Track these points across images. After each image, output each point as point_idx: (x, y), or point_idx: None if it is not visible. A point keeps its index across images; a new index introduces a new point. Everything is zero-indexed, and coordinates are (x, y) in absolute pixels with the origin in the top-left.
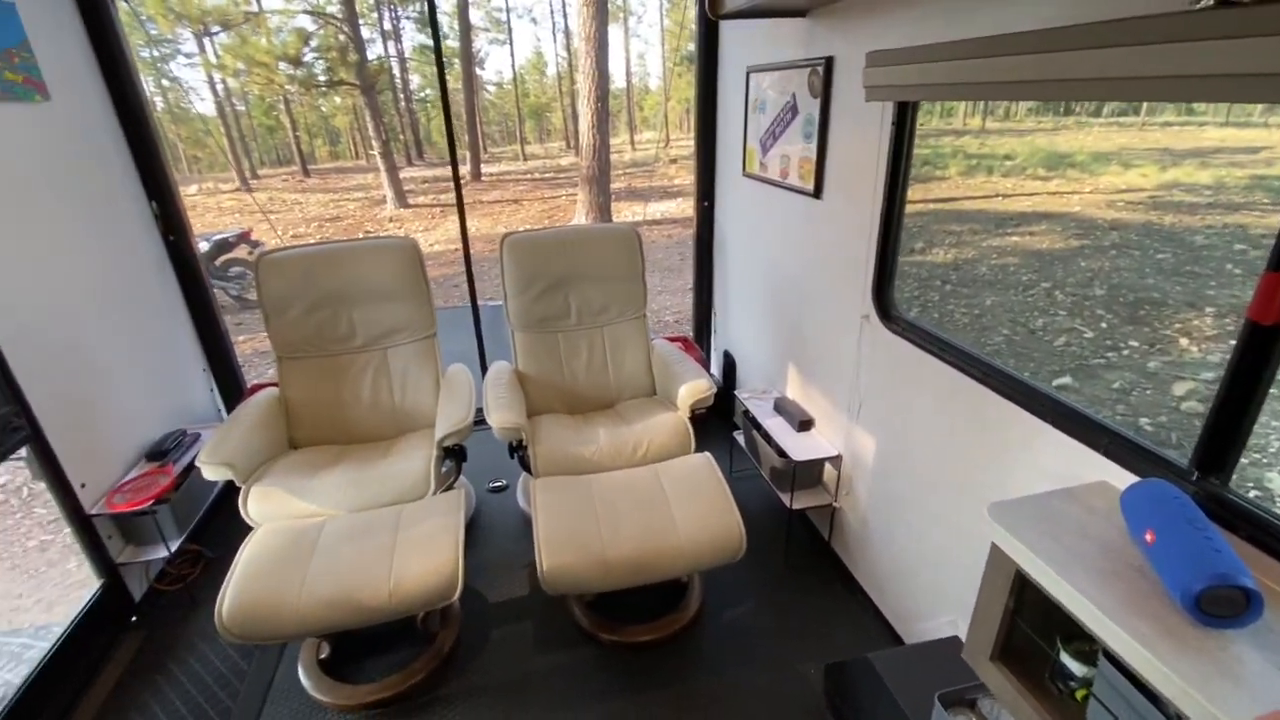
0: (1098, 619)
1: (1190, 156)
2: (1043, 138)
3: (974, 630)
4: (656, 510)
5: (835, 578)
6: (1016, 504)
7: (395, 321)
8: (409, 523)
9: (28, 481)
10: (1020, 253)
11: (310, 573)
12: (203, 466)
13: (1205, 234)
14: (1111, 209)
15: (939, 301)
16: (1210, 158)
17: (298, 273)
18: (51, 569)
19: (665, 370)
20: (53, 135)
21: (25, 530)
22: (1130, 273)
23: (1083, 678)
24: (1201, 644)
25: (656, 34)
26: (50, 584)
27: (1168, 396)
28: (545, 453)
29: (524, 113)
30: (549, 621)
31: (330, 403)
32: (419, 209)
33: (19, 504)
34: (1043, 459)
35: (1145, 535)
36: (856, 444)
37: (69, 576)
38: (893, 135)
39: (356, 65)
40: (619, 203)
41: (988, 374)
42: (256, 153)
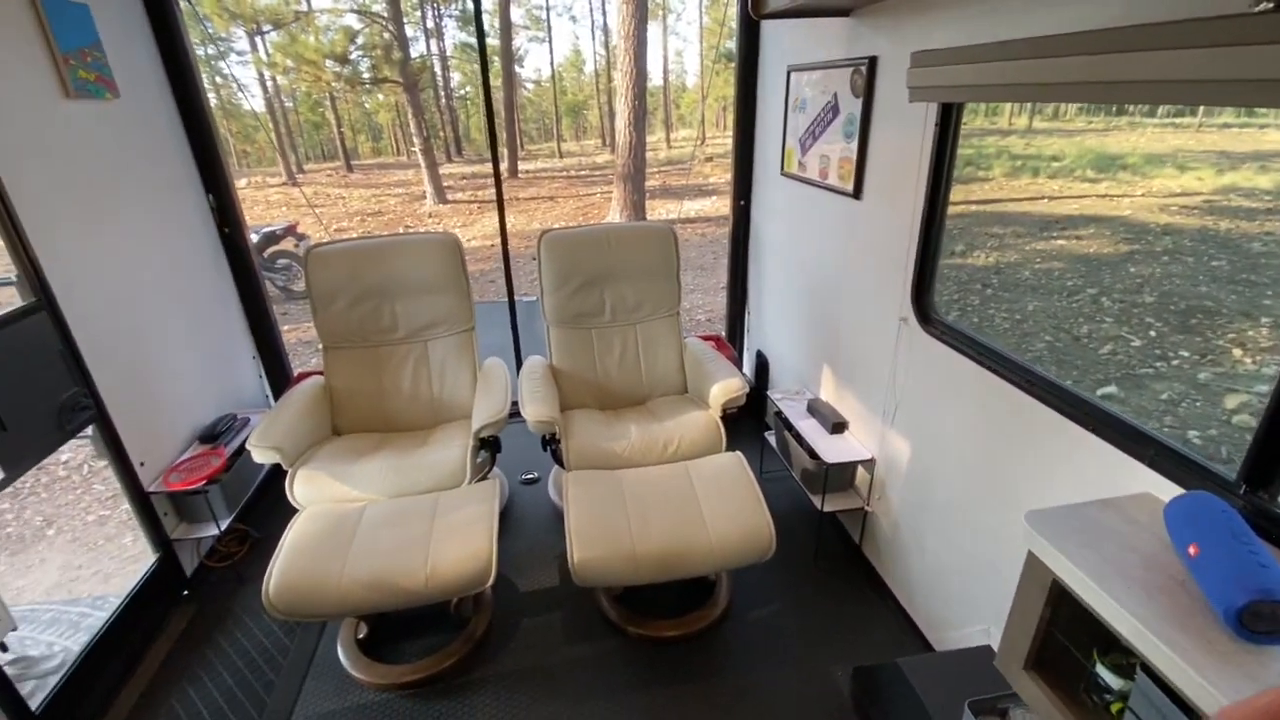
0: (1137, 631)
1: (1250, 160)
2: (1093, 138)
3: (1007, 639)
4: (686, 507)
5: (865, 582)
6: (1055, 513)
7: (435, 314)
8: (446, 510)
9: (89, 459)
10: (1066, 257)
11: (351, 555)
12: (253, 449)
13: (1264, 241)
14: (1164, 213)
15: (979, 306)
16: (1270, 161)
17: (344, 266)
18: (109, 543)
19: (697, 368)
20: (121, 131)
21: (85, 505)
22: (1182, 280)
23: (1119, 691)
24: (1243, 660)
25: (695, 31)
26: (107, 557)
27: (1218, 409)
28: (577, 447)
29: (561, 110)
30: (577, 612)
31: (372, 392)
32: (457, 205)
33: (80, 480)
34: (1084, 469)
35: (1189, 548)
36: (891, 448)
37: (125, 550)
38: (936, 136)
39: (400, 63)
40: (653, 200)
41: (1030, 381)
42: (302, 148)
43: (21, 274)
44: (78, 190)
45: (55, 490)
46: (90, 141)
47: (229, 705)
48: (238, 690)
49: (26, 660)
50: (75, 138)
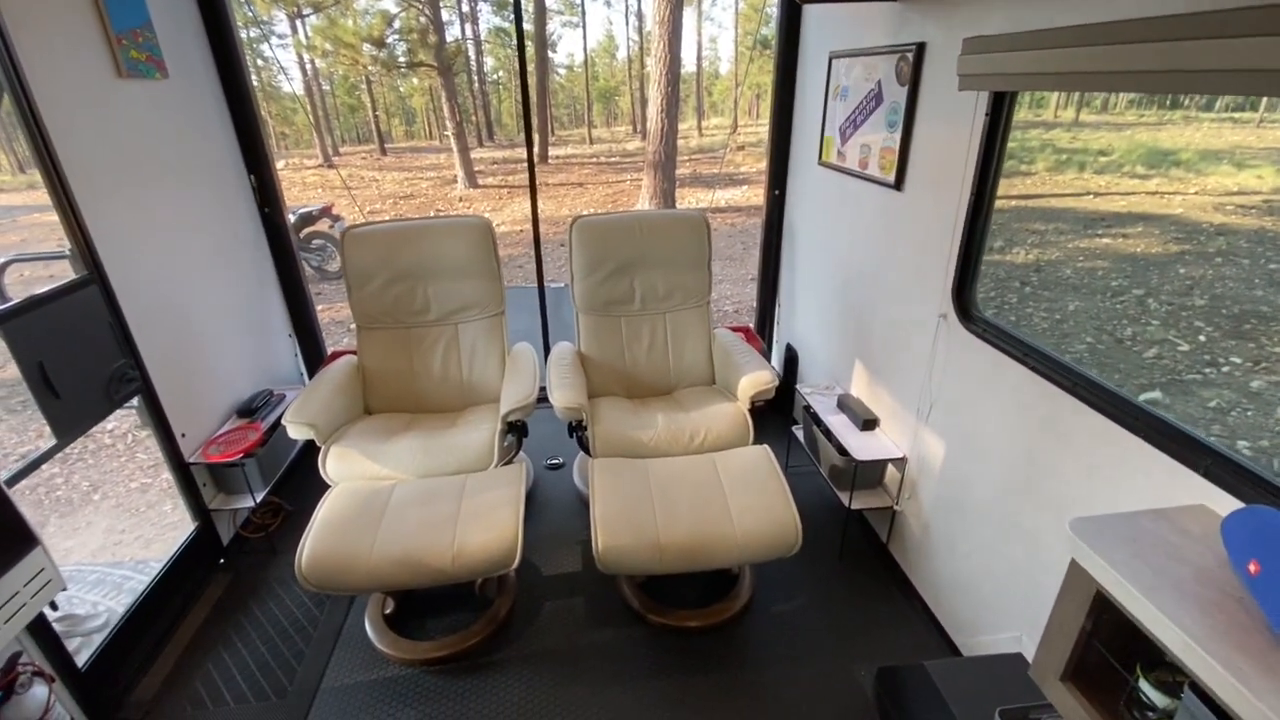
0: (1189, 648)
1: None
2: (1144, 132)
3: (1044, 649)
4: (712, 499)
5: (891, 581)
6: (1102, 520)
7: (467, 298)
8: (473, 491)
9: (133, 428)
10: (1111, 256)
11: (381, 532)
12: (288, 425)
13: None
14: (1219, 212)
15: (1016, 304)
16: None
17: (380, 247)
18: (150, 509)
19: (726, 360)
20: (170, 110)
21: (128, 473)
22: (1237, 283)
23: (1163, 709)
24: None
25: (730, 17)
26: (149, 523)
27: (1272, 420)
28: (604, 434)
29: (593, 96)
30: (600, 598)
31: (403, 372)
32: (487, 189)
33: (124, 449)
34: (1132, 477)
35: (1249, 565)
36: (924, 447)
37: (165, 518)
38: (986, 127)
39: (435, 47)
40: (683, 189)
41: (1076, 383)
42: (338, 130)
43: (75, 248)
44: (127, 168)
45: (101, 457)
46: (140, 120)
47: (261, 671)
48: (269, 657)
49: (73, 619)
50: (126, 116)
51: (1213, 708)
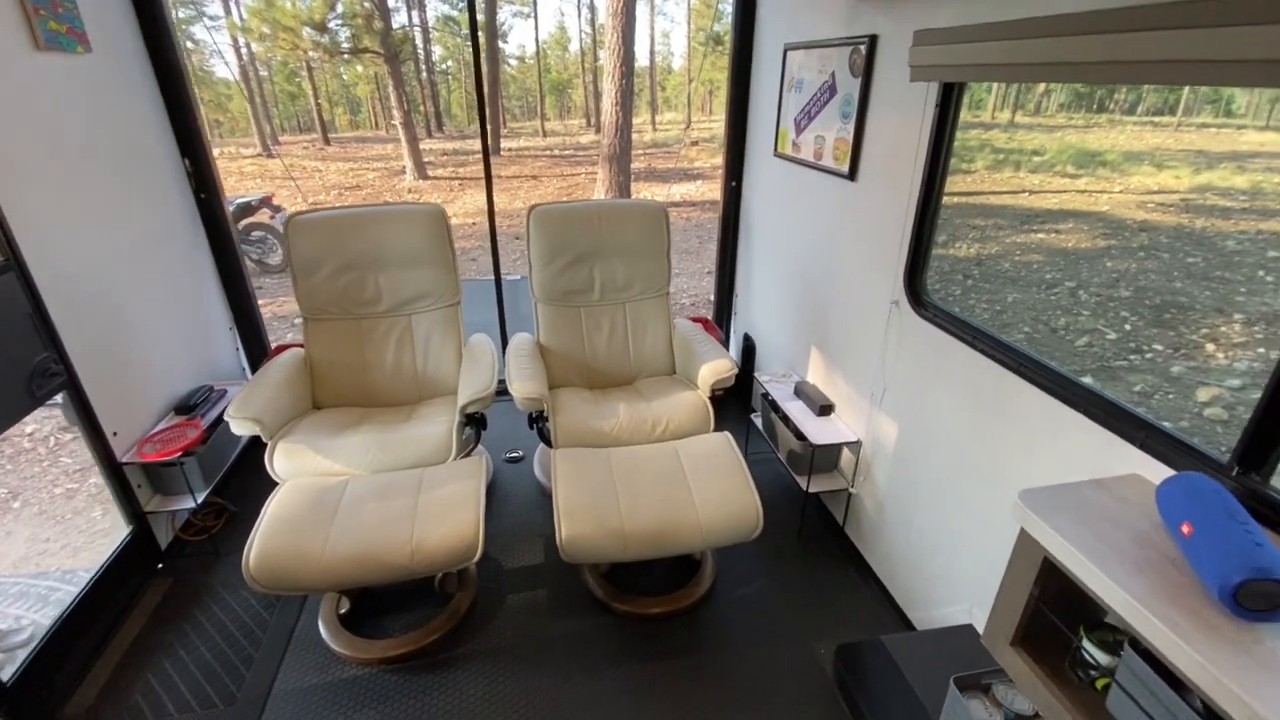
0: (1130, 607)
1: (1227, 160)
2: (1074, 134)
3: (995, 616)
4: (675, 486)
5: (848, 562)
6: (1048, 491)
7: (421, 288)
8: (431, 485)
9: (55, 431)
10: (1045, 250)
11: (334, 529)
12: (232, 421)
13: (1238, 239)
14: (1142, 210)
15: (960, 296)
16: (1248, 162)
17: (327, 234)
18: (77, 516)
19: (687, 349)
20: (93, 87)
21: (52, 478)
22: (1158, 275)
23: (1105, 666)
24: (1237, 637)
25: (683, 12)
26: (75, 531)
27: (1190, 402)
28: (565, 424)
29: (545, 88)
30: (563, 589)
31: (354, 365)
32: (437, 181)
33: (46, 453)
34: (1073, 450)
35: (1181, 527)
36: (878, 430)
37: (94, 525)
38: (936, 118)
39: (381, 33)
40: (638, 183)
41: (1021, 363)
42: (277, 119)
43: None
44: (47, 147)
45: (20, 463)
46: (61, 97)
47: (206, 679)
48: (215, 664)
49: None
50: (45, 92)
51: (1150, 662)
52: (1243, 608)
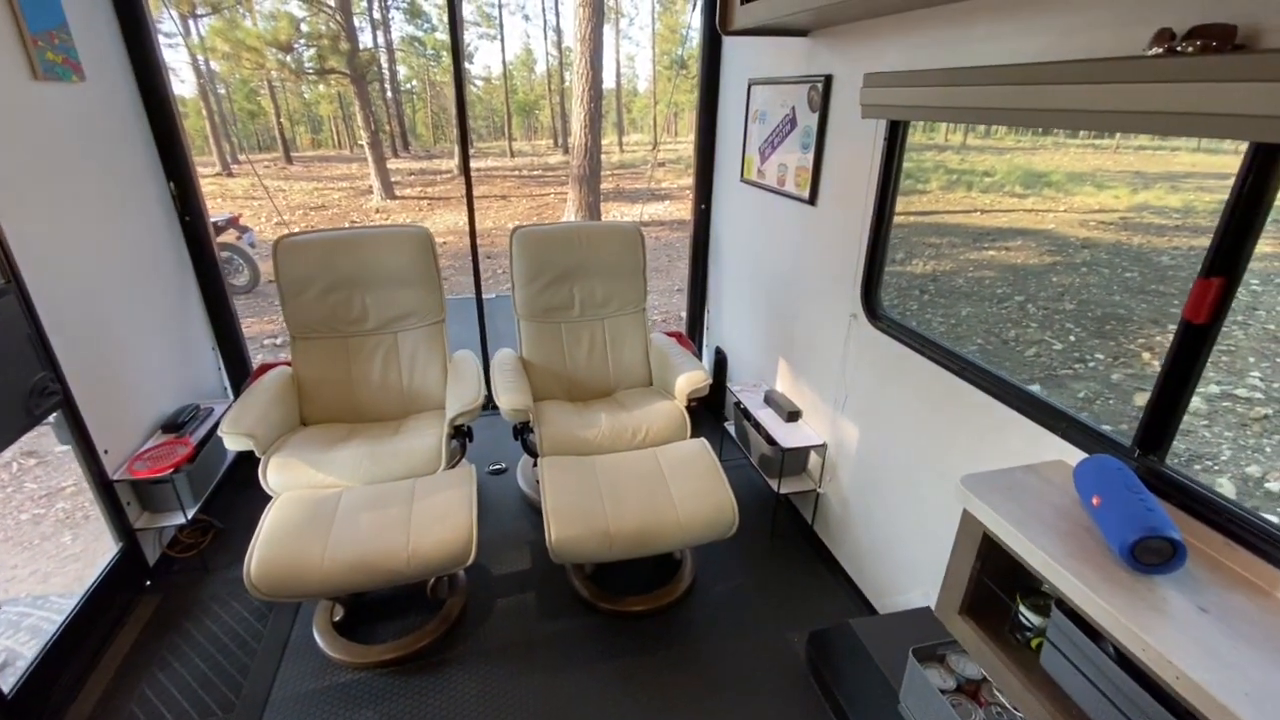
0: (1051, 567)
1: (1161, 180)
2: (1021, 156)
3: (945, 590)
4: (656, 488)
5: (817, 558)
6: (985, 476)
7: (407, 306)
8: (423, 494)
9: (17, 456)
10: (996, 266)
11: (332, 537)
12: (226, 436)
13: (1171, 255)
14: (1084, 228)
15: (917, 310)
16: (1181, 182)
17: (316, 256)
18: (45, 542)
19: (663, 362)
20: (87, 114)
21: (17, 504)
22: (1099, 289)
23: (1038, 627)
24: (1135, 587)
25: (648, 36)
26: (45, 557)
27: (1129, 406)
28: (550, 434)
29: (512, 109)
30: (550, 592)
31: (341, 382)
32: (405, 200)
33: (9, 478)
34: (1010, 442)
35: (1092, 499)
36: (841, 433)
37: (63, 550)
38: (885, 150)
39: (348, 54)
40: (608, 203)
41: (964, 368)
42: (236, 138)
43: None
44: (45, 173)
45: None
46: (57, 124)
47: (203, 688)
48: (211, 674)
49: None
50: (43, 120)
51: (1074, 619)
52: (1139, 563)
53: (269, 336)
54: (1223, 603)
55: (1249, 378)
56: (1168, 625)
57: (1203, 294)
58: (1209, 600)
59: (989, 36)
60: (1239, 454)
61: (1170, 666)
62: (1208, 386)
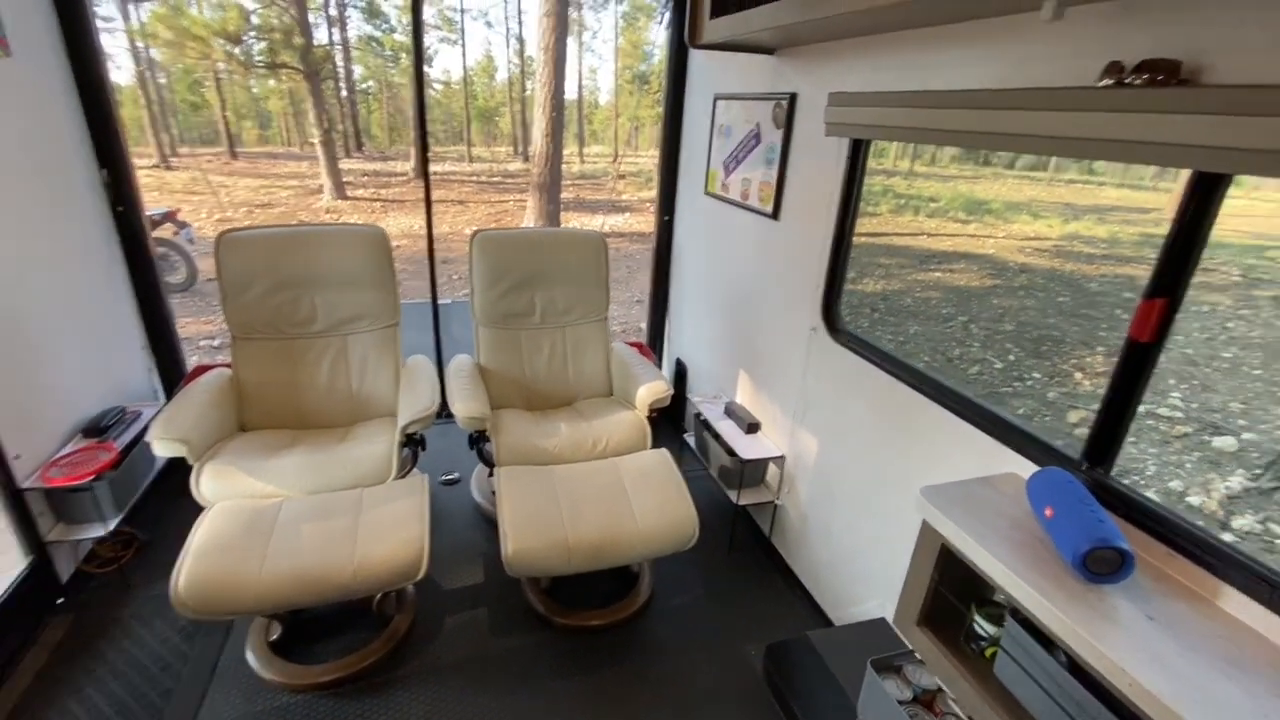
0: (1008, 577)
1: (1090, 212)
2: (964, 184)
3: (903, 601)
4: (616, 499)
5: (774, 569)
6: (943, 488)
7: (358, 308)
8: (372, 504)
9: None
10: (941, 288)
11: (271, 550)
12: (155, 442)
13: (1099, 282)
14: (1021, 254)
15: (868, 328)
16: (1107, 214)
17: (261, 253)
18: None
19: (624, 372)
20: (10, 92)
21: None
22: (1035, 312)
23: (992, 636)
24: (1085, 596)
25: (610, 50)
26: None
27: (1063, 423)
28: (507, 443)
29: (472, 114)
30: (504, 607)
31: (285, 385)
32: (358, 202)
33: None
34: (964, 455)
35: (1045, 511)
36: (800, 445)
37: None
38: (847, 168)
39: (301, 49)
40: (568, 213)
41: (922, 382)
42: (176, 130)
43: None
44: None
45: None
46: None
47: (120, 716)
48: (130, 700)
49: None
50: None
51: (1027, 627)
52: (1090, 572)
53: (206, 338)
54: (1168, 611)
55: (1170, 398)
56: (1119, 634)
57: (1147, 314)
58: (1155, 608)
59: (949, 63)
60: (1163, 470)
61: (1124, 675)
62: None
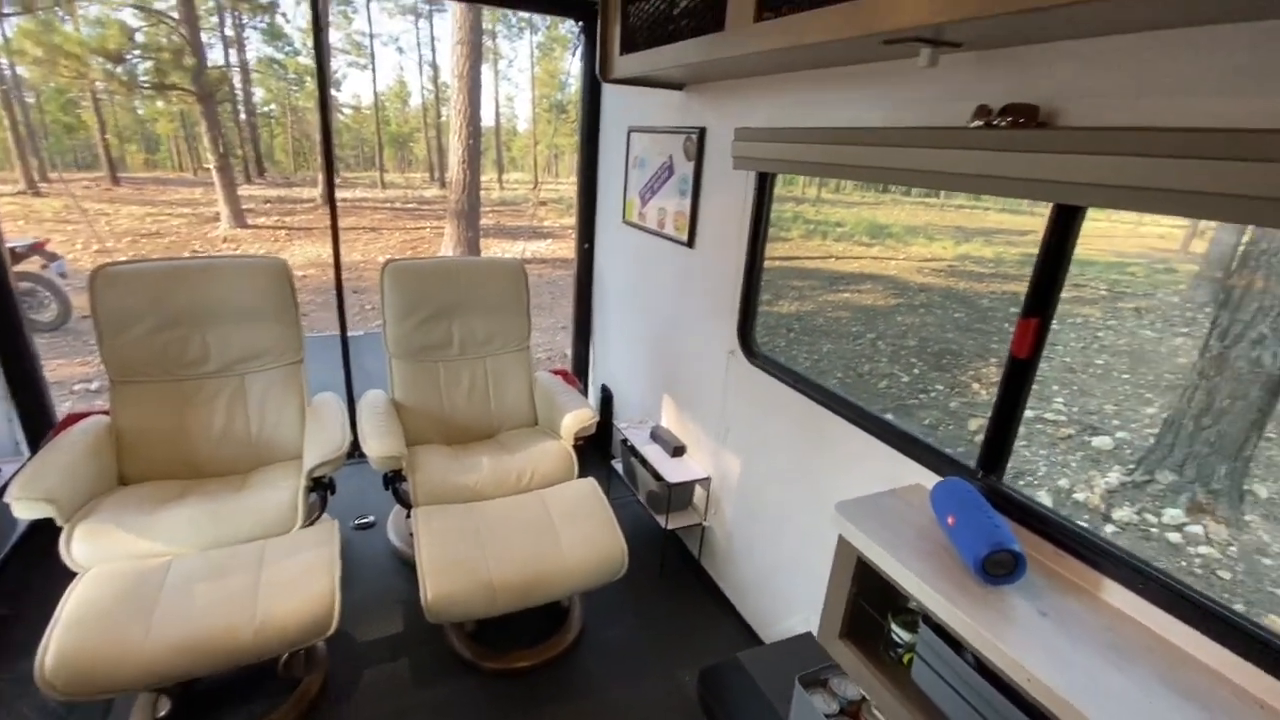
0: (917, 585)
1: (978, 235)
2: (866, 210)
3: (825, 615)
4: (543, 534)
5: (704, 591)
6: (856, 503)
7: (257, 345)
8: (275, 557)
9: None
10: (850, 307)
11: (158, 616)
12: (15, 503)
13: (989, 298)
14: (920, 274)
15: (785, 348)
16: (993, 237)
17: (143, 288)
18: None
19: (549, 401)
20: None
21: None
22: (935, 328)
23: (908, 643)
24: (987, 598)
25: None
26: None
27: (965, 431)
28: (425, 481)
29: (384, 140)
30: (427, 656)
31: (173, 431)
32: (259, 230)
33: None
34: (874, 468)
35: (948, 519)
36: (724, 466)
37: None
38: (755, 199)
39: (193, 70)
40: (488, 239)
41: (831, 400)
42: (46, 153)
43: None
44: None
45: None
46: None
47: None
48: None
49: None
50: None
51: (938, 632)
52: (989, 575)
53: (83, 380)
54: (1059, 606)
55: (1054, 403)
56: (1017, 631)
57: (1024, 332)
58: (1048, 604)
59: (844, 101)
60: (1052, 469)
61: (1022, 670)
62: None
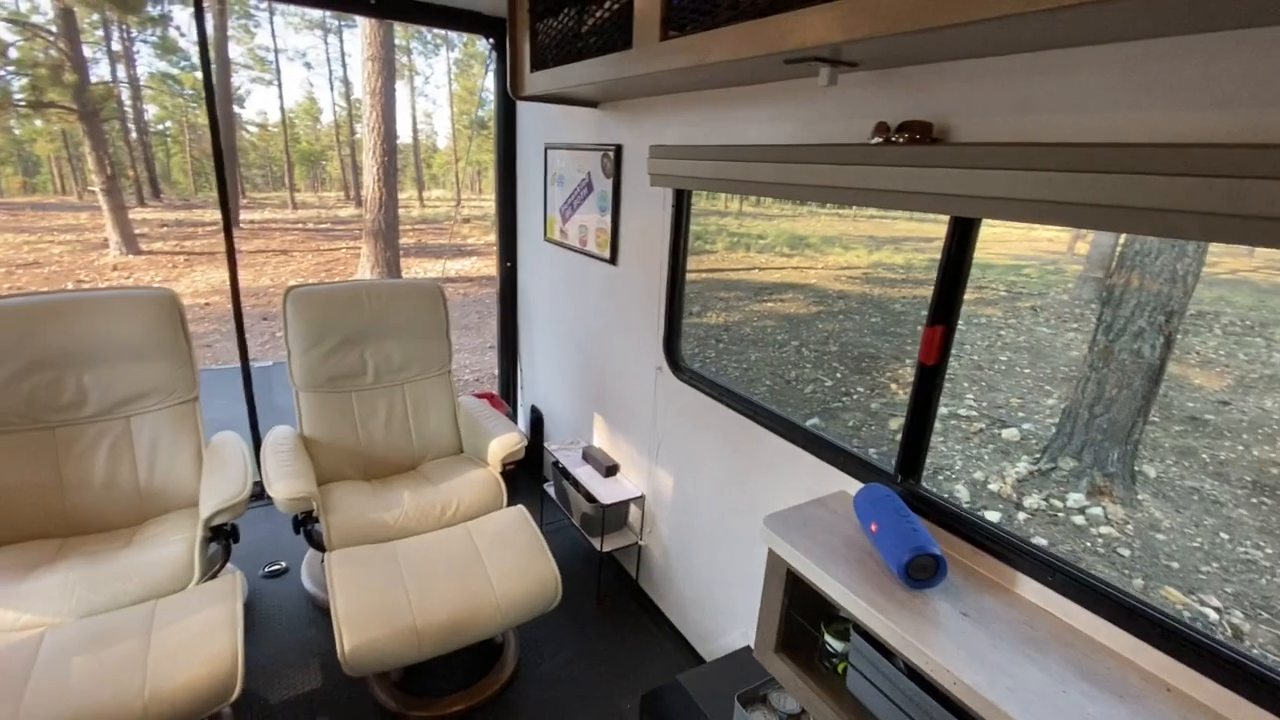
0: (845, 594)
1: (889, 243)
2: (785, 222)
3: (760, 629)
4: (470, 569)
5: (643, 612)
6: (783, 515)
7: (143, 384)
8: (167, 619)
9: None
10: (775, 316)
11: (26, 701)
12: None
13: (902, 303)
14: (838, 282)
15: (715, 358)
16: (902, 244)
17: (7, 327)
18: None
19: (474, 426)
20: None
21: None
22: (854, 333)
23: (841, 653)
24: (912, 603)
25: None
26: None
27: (887, 430)
28: (340, 522)
29: (294, 158)
30: (349, 711)
31: (45, 486)
32: (155, 256)
33: None
34: (801, 478)
35: (871, 526)
36: (657, 483)
37: None
38: (673, 215)
39: (75, 87)
40: (408, 259)
41: (756, 413)
42: None
43: None
44: None
45: None
46: None
47: None
48: None
49: None
50: None
51: (869, 639)
52: (913, 579)
53: None
54: (979, 605)
55: (966, 399)
56: (941, 635)
57: (930, 340)
58: (968, 604)
59: (752, 119)
60: (968, 463)
61: (947, 673)
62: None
